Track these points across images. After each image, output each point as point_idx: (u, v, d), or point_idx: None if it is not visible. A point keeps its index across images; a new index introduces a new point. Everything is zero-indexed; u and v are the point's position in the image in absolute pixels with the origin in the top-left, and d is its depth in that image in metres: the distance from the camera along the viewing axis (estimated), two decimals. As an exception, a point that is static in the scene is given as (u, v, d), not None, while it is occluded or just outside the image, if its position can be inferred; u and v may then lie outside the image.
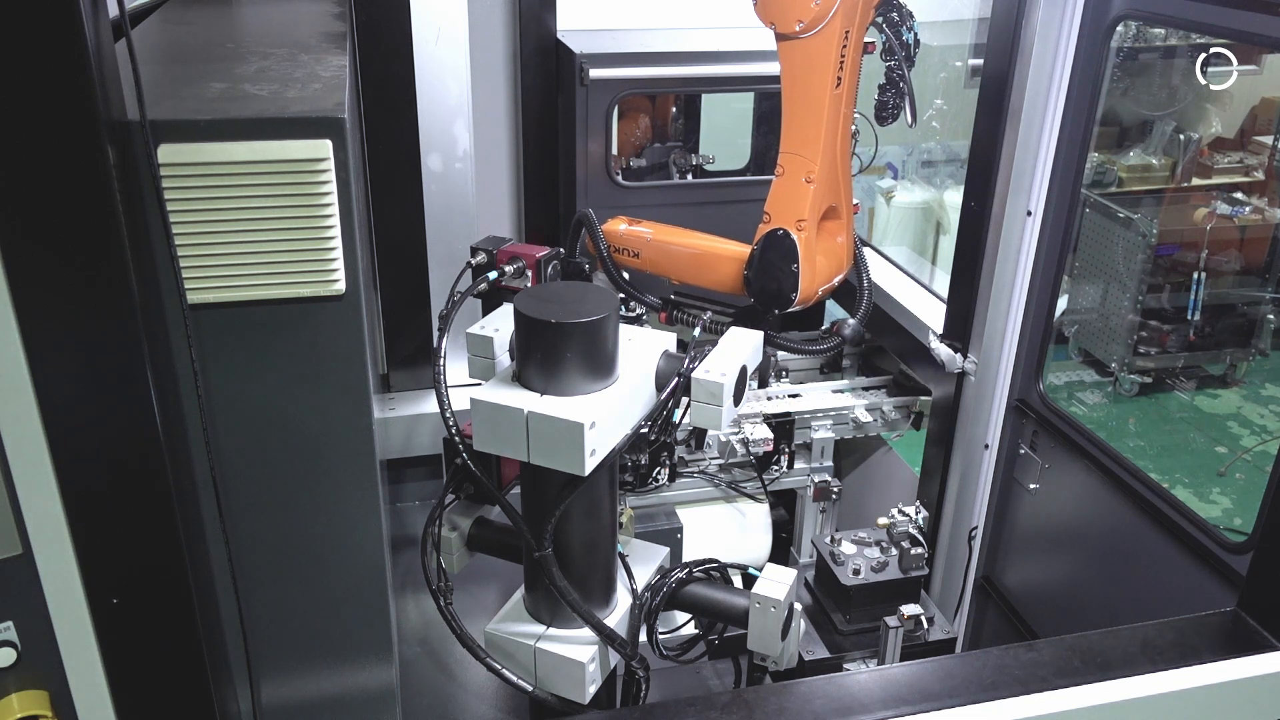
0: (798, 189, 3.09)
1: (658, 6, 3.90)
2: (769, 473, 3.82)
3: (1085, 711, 2.19)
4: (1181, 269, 7.01)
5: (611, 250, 3.46)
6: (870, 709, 2.17)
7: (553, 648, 2.41)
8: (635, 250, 3.42)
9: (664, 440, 3.15)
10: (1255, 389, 7.41)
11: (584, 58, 3.52)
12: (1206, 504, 6.25)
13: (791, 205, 3.10)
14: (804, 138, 3.06)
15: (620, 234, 3.45)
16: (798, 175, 3.09)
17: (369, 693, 2.19)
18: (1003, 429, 3.73)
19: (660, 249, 3.39)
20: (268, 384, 1.88)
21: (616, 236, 3.45)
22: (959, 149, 7.10)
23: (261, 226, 1.75)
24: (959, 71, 6.77)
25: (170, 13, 2.79)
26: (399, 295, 3.54)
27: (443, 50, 3.31)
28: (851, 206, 3.30)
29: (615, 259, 3.46)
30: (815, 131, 3.02)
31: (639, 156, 4.15)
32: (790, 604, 2.44)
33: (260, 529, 1.97)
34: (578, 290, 2.25)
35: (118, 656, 1.86)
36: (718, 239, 3.37)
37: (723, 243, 3.35)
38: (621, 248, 3.45)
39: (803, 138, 3.06)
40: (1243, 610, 2.48)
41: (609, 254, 3.45)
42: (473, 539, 2.69)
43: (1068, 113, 3.30)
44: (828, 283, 3.24)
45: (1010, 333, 3.61)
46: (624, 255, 3.45)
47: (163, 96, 1.82)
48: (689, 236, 3.41)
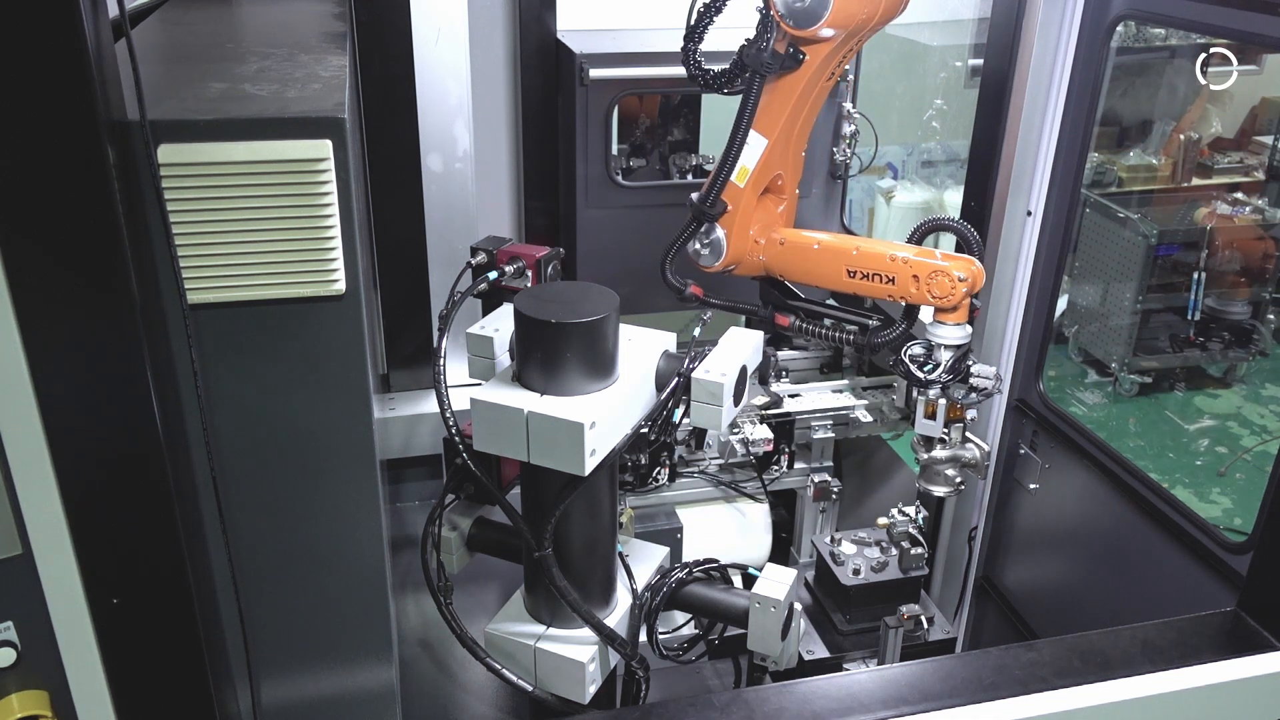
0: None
1: (658, 6, 3.90)
2: (769, 473, 3.82)
3: (1085, 711, 2.19)
4: (1181, 269, 7.01)
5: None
6: (870, 709, 2.17)
7: (553, 648, 2.41)
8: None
9: (664, 440, 3.15)
10: (1255, 389, 7.41)
11: (584, 58, 3.52)
12: (1206, 504, 6.25)
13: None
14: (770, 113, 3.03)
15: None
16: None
17: (369, 693, 2.19)
18: (1003, 429, 3.74)
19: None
20: (268, 384, 1.88)
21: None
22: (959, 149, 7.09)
23: (261, 226, 1.75)
24: (959, 71, 6.76)
25: (170, 13, 2.79)
26: (399, 295, 3.54)
27: (443, 50, 3.31)
28: (795, 186, 3.24)
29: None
30: (782, 109, 2.99)
31: (639, 156, 4.15)
32: (790, 604, 2.44)
33: (260, 529, 1.97)
34: (578, 290, 2.25)
35: (118, 656, 1.86)
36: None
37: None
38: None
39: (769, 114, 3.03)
40: (1243, 610, 2.48)
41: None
42: (473, 539, 2.70)
43: (1068, 113, 3.30)
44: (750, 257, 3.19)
45: (1010, 333, 3.61)
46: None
47: (163, 96, 1.82)
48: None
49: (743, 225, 3.09)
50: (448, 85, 3.36)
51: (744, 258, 3.15)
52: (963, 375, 2.94)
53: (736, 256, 3.14)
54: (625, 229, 3.71)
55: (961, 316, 2.89)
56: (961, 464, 3.11)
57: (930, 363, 2.93)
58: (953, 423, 3.05)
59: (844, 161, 4.00)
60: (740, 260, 3.16)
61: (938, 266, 2.83)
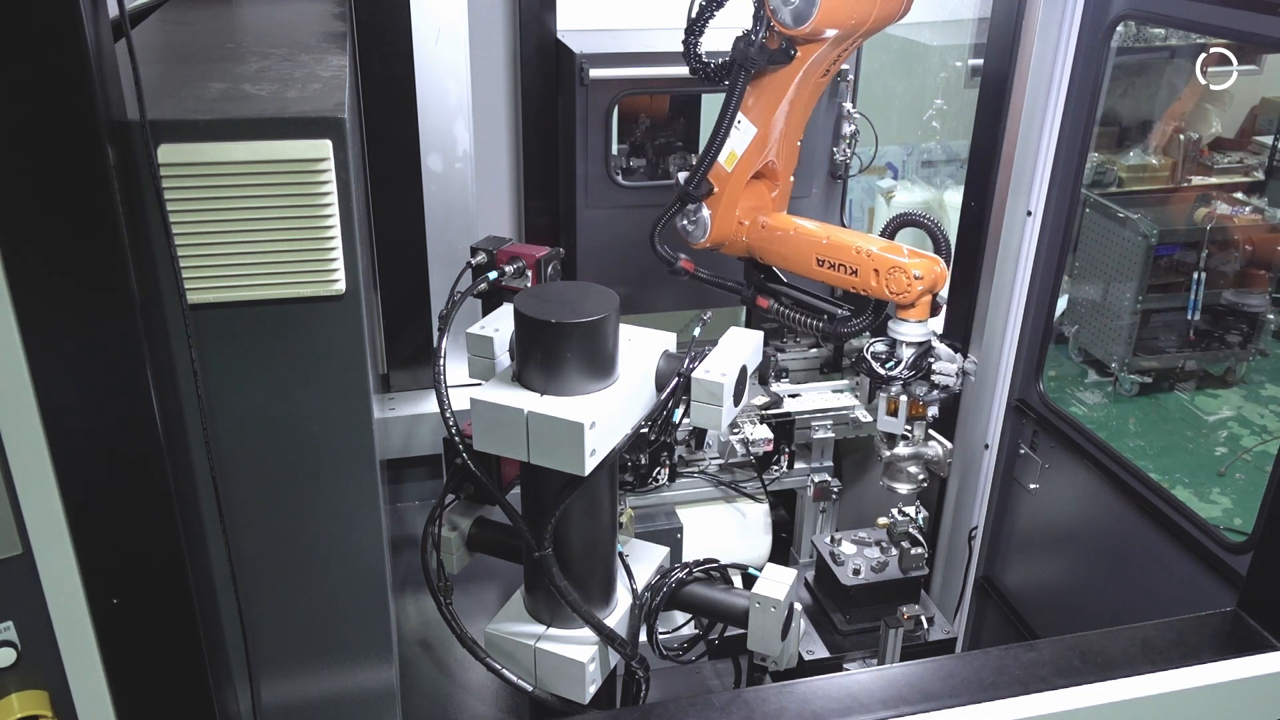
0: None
1: (658, 6, 3.90)
2: (769, 473, 3.82)
3: (1085, 711, 2.19)
4: (1181, 269, 7.01)
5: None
6: (870, 709, 2.17)
7: (553, 648, 2.41)
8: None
9: (664, 440, 3.16)
10: (1255, 389, 7.41)
11: (584, 58, 3.52)
12: (1206, 504, 6.25)
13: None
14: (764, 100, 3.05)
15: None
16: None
17: (369, 693, 2.19)
18: (1003, 429, 3.74)
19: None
20: (268, 384, 1.87)
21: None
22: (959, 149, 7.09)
23: (261, 226, 1.75)
24: (959, 71, 6.76)
25: (170, 13, 2.79)
26: (399, 295, 3.54)
27: (443, 50, 3.31)
28: (790, 174, 3.28)
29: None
30: (774, 101, 3.01)
31: (639, 156, 4.15)
32: (790, 604, 2.44)
33: (260, 529, 1.97)
34: (578, 290, 2.25)
35: (118, 656, 1.86)
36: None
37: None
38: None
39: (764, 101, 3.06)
40: (1243, 610, 2.48)
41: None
42: (473, 539, 2.70)
43: (1068, 113, 3.30)
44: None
45: (1010, 333, 3.61)
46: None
47: (163, 96, 1.82)
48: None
49: (728, 207, 3.14)
50: (448, 85, 3.36)
51: (728, 238, 3.21)
52: (925, 372, 2.96)
53: (721, 236, 3.19)
54: (625, 229, 3.71)
55: (922, 314, 2.91)
56: (924, 460, 3.13)
57: (892, 359, 2.95)
58: (915, 420, 3.08)
59: (844, 161, 4.00)
60: (725, 240, 3.22)
61: (897, 263, 2.85)
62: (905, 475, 3.14)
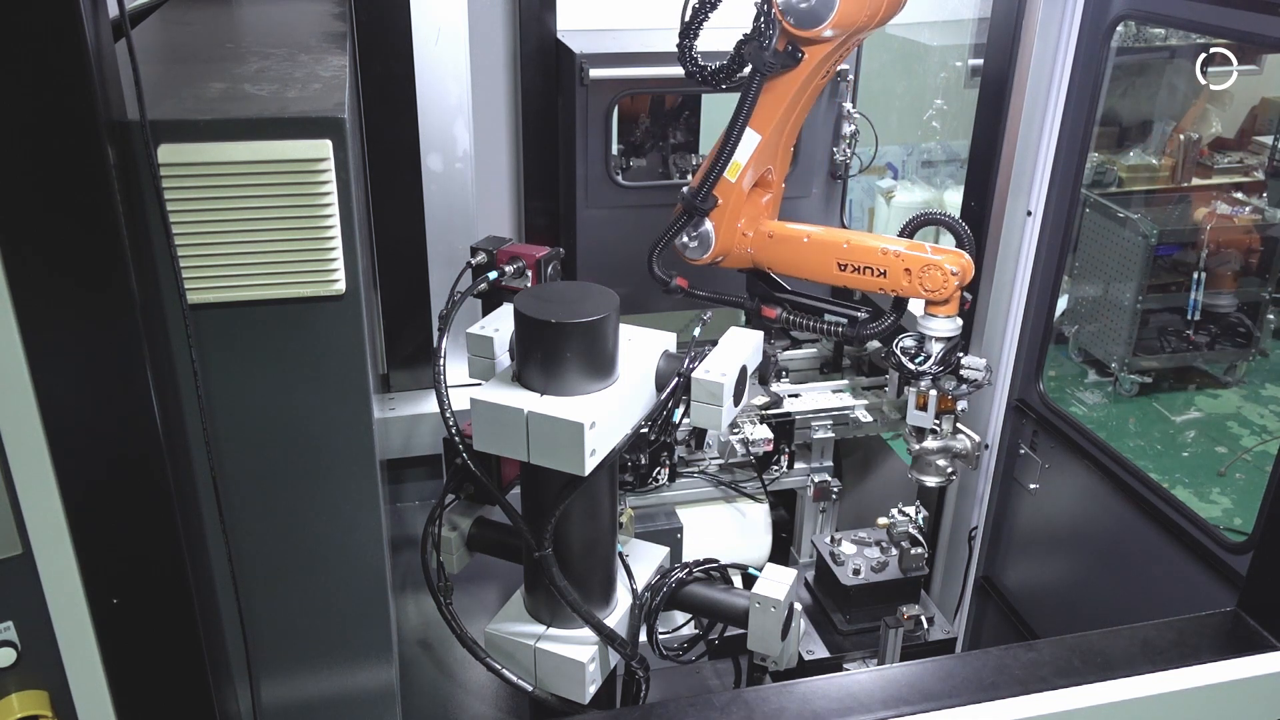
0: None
1: (657, 6, 3.89)
2: (769, 473, 3.82)
3: (1085, 711, 2.19)
4: (1181, 269, 7.01)
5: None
6: (870, 709, 2.17)
7: (553, 648, 2.41)
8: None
9: (664, 440, 3.15)
10: (1255, 389, 7.41)
11: (584, 58, 3.52)
12: (1206, 504, 6.25)
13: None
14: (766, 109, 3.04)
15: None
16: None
17: (369, 693, 2.19)
18: (1003, 429, 3.74)
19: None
20: (268, 384, 1.87)
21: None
22: (959, 149, 7.10)
23: (261, 226, 1.75)
24: (959, 71, 6.77)
25: (170, 13, 2.79)
26: (399, 295, 3.54)
27: (443, 50, 3.31)
28: (783, 179, 3.26)
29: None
30: (777, 106, 3.00)
31: (639, 156, 4.15)
32: (790, 604, 2.44)
33: (260, 529, 1.97)
34: (578, 290, 2.25)
35: (118, 656, 1.86)
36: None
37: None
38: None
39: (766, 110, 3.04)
40: (1243, 610, 2.48)
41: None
42: (473, 539, 2.70)
43: (1068, 113, 3.30)
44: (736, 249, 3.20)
45: (1010, 333, 3.61)
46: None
47: (163, 96, 1.82)
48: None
49: (732, 218, 3.11)
50: (448, 85, 3.36)
51: (732, 250, 3.18)
52: (953, 367, 2.97)
53: (724, 249, 3.16)
54: (625, 229, 3.71)
55: (953, 309, 2.92)
56: (953, 454, 3.14)
57: (921, 355, 2.96)
58: (944, 414, 3.09)
59: (844, 161, 4.00)
60: (728, 253, 3.18)
61: (930, 260, 2.85)
62: (934, 469, 3.15)
